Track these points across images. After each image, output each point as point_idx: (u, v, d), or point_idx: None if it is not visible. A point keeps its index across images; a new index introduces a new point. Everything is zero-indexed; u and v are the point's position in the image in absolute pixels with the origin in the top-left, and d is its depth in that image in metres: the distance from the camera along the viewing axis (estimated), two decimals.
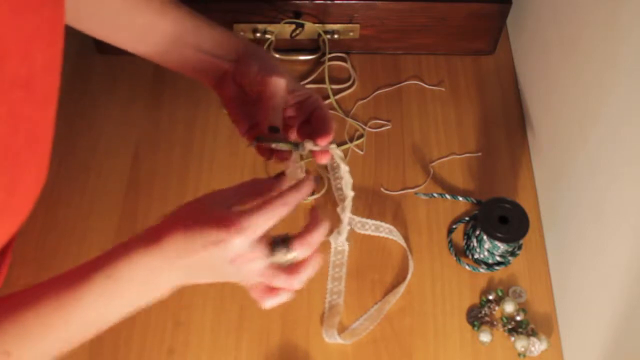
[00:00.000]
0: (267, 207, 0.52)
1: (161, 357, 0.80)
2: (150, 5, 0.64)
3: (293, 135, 0.66)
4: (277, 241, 0.53)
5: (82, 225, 0.89)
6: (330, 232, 0.86)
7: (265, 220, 0.51)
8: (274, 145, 0.61)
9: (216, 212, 0.51)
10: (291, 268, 0.54)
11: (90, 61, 1.05)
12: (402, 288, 0.84)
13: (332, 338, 0.81)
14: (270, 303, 0.56)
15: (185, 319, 0.83)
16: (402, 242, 0.88)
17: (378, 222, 0.89)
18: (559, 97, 0.87)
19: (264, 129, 0.62)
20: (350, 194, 0.65)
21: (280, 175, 0.58)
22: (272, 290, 0.56)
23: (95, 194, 0.92)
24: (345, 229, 0.66)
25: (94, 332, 0.52)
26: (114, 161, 0.95)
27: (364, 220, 0.89)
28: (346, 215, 0.65)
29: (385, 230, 0.89)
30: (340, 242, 0.84)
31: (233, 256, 0.51)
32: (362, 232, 0.89)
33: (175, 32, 0.65)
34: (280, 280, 0.54)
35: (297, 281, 0.54)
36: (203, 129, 0.98)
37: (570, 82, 0.83)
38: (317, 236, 0.54)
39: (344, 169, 0.64)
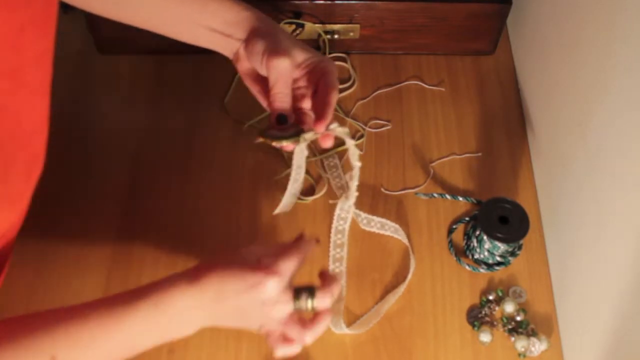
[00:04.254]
0: (290, 254, 0.59)
1: (161, 357, 0.80)
2: None
3: (307, 105, 0.67)
4: (300, 289, 0.60)
5: (81, 225, 0.89)
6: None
7: (293, 265, 0.58)
8: (274, 144, 0.61)
9: (250, 260, 0.58)
10: (305, 322, 0.61)
11: (90, 61, 1.04)
12: (402, 287, 0.84)
13: (339, 328, 0.81)
14: (283, 351, 0.61)
15: None
16: (406, 241, 0.88)
17: (384, 220, 0.89)
18: (559, 97, 0.87)
19: (272, 119, 0.63)
20: (357, 164, 0.67)
21: (299, 237, 0.63)
22: (286, 340, 0.61)
23: (95, 194, 0.92)
24: (353, 195, 0.68)
25: (125, 356, 0.56)
26: (114, 161, 0.95)
27: (370, 217, 0.89)
28: (354, 183, 0.68)
29: (390, 229, 0.89)
30: (346, 207, 0.83)
31: (265, 299, 0.57)
32: (368, 228, 0.89)
33: (185, 11, 0.67)
34: (295, 331, 0.60)
35: (309, 335, 0.61)
36: (203, 129, 0.98)
37: (570, 82, 0.83)
38: (335, 288, 0.61)
39: (350, 142, 0.66)
